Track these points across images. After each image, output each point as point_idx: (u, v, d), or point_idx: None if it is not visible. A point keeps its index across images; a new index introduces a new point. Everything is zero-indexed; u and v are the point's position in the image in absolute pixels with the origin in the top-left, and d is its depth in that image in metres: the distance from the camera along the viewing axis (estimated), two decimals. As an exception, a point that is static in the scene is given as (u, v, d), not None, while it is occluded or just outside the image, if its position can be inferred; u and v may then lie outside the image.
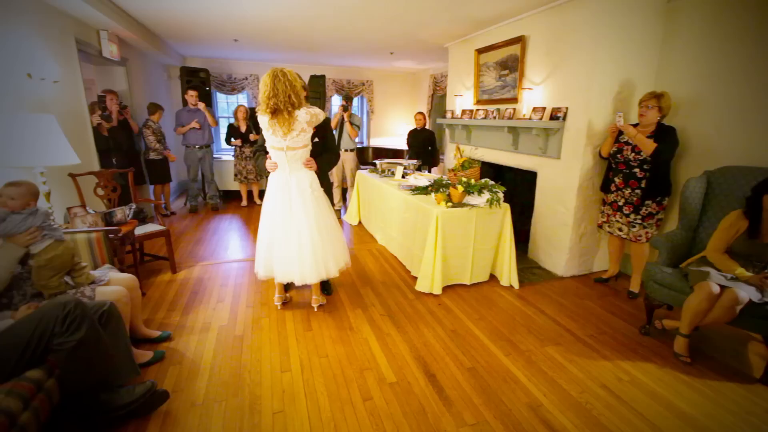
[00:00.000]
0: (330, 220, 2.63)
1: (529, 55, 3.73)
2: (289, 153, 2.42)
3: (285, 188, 2.49)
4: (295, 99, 2.28)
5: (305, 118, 2.34)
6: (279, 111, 2.28)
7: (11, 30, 2.60)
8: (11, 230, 1.75)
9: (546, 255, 3.69)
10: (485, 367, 2.22)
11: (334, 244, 2.62)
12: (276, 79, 2.24)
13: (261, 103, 2.32)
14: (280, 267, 2.55)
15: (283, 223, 2.51)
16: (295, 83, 2.30)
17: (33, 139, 2.23)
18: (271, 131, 2.35)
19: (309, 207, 2.50)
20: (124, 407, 1.69)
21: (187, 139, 5.34)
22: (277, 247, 2.55)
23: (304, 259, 2.50)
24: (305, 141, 2.43)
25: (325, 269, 2.57)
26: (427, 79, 7.70)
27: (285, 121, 2.30)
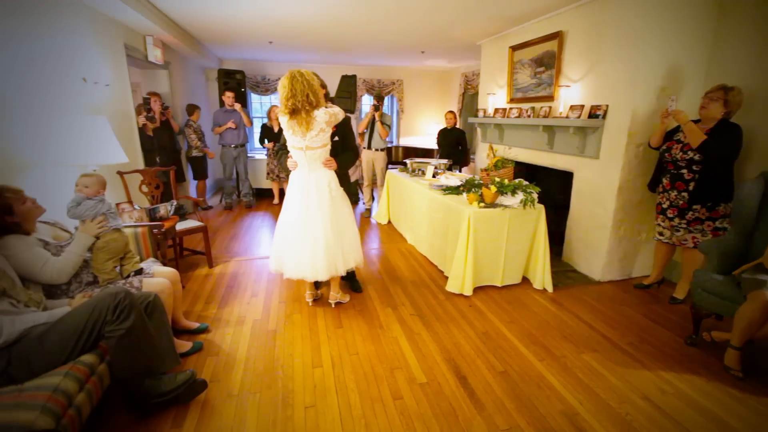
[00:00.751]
0: (346, 219, 2.65)
1: (567, 51, 3.60)
2: (309, 152, 2.45)
3: (304, 186, 2.54)
4: (313, 98, 2.31)
5: (324, 118, 2.37)
6: (297, 111, 2.32)
7: (69, 37, 2.79)
8: (84, 213, 2.01)
9: (581, 258, 3.56)
10: (518, 371, 2.17)
11: (345, 244, 2.63)
12: (294, 80, 2.28)
13: (280, 104, 2.38)
14: (292, 263, 2.59)
15: (300, 221, 2.56)
16: (313, 82, 2.32)
17: (88, 139, 2.38)
18: (291, 131, 2.40)
19: (325, 206, 2.54)
20: (166, 394, 1.78)
21: (224, 138, 5.54)
22: (291, 244, 2.60)
23: (317, 256, 2.54)
24: (324, 140, 2.46)
25: (335, 267, 2.59)
26: (458, 78, 7.60)
27: (303, 121, 2.33)
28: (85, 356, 1.57)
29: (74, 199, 2.06)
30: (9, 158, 2.14)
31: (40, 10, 2.49)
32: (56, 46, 2.63)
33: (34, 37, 2.41)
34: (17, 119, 2.21)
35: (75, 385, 1.46)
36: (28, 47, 2.35)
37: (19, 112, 2.23)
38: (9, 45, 2.18)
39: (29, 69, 2.34)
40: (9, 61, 2.18)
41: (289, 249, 2.60)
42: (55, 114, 2.52)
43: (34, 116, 2.35)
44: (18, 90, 2.24)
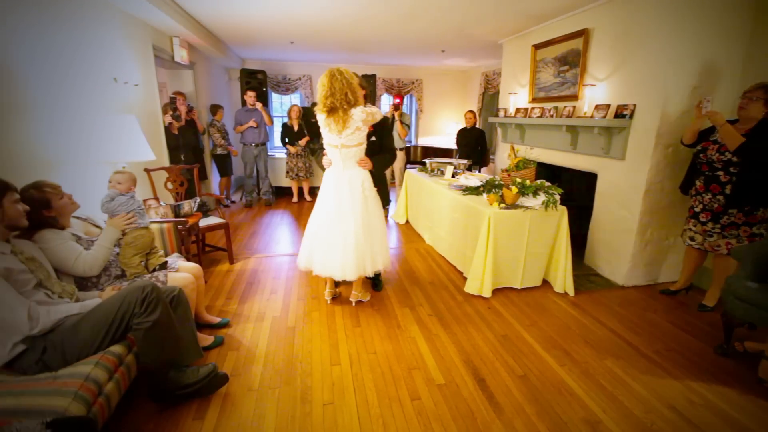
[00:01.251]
0: (377, 221, 2.64)
1: (593, 49, 3.51)
2: (344, 151, 2.46)
3: (338, 185, 2.55)
4: (351, 97, 2.32)
5: (360, 117, 2.37)
6: (335, 109, 2.34)
7: (102, 39, 2.89)
8: (116, 208, 2.09)
9: (605, 262, 3.47)
10: (538, 375, 2.13)
11: (375, 245, 2.62)
12: (333, 78, 2.30)
13: (319, 102, 2.39)
14: (321, 261, 2.60)
15: (331, 219, 2.56)
16: (352, 81, 2.34)
17: (118, 137, 2.47)
18: (327, 129, 2.42)
19: (358, 206, 2.53)
20: (189, 386, 1.82)
21: (245, 137, 5.65)
22: (321, 242, 2.61)
23: (347, 256, 2.54)
24: (360, 139, 2.46)
25: (364, 268, 2.59)
26: (478, 77, 7.52)
27: (340, 119, 2.35)
28: (114, 347, 1.63)
29: (108, 195, 2.14)
30: (45, 155, 2.24)
31: (76, 13, 2.58)
32: (90, 48, 2.73)
33: (70, 39, 2.51)
34: (53, 118, 2.31)
35: (105, 374, 1.51)
36: (64, 49, 2.45)
37: (55, 112, 2.33)
38: (46, 47, 2.28)
39: (65, 70, 2.44)
40: (46, 63, 2.27)
41: (319, 247, 2.61)
42: (87, 113, 2.62)
43: (68, 115, 2.44)
44: (54, 90, 2.34)
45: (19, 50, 2.06)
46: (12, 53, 2.01)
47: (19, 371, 1.48)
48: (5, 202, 1.51)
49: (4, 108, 1.93)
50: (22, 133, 2.06)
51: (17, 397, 1.29)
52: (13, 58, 2.01)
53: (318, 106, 2.41)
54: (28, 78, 2.12)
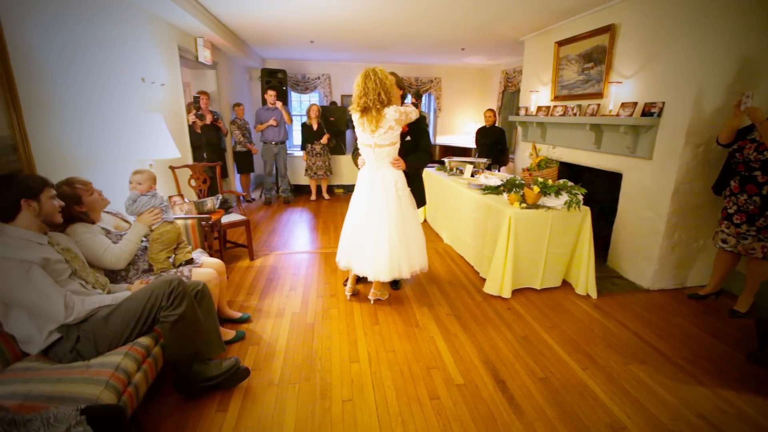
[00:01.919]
0: (411, 222, 2.62)
1: (619, 45, 3.42)
2: (377, 150, 2.48)
3: (371, 185, 2.57)
4: (384, 96, 2.33)
5: (394, 116, 2.38)
6: (368, 109, 2.36)
7: (130, 40, 2.98)
8: (140, 209, 2.15)
9: (629, 264, 3.37)
10: (559, 378, 2.09)
11: (410, 246, 2.61)
12: (367, 78, 2.33)
13: (353, 102, 2.43)
14: (356, 259, 2.64)
15: (364, 218, 2.59)
16: (386, 81, 2.34)
17: (146, 135, 2.54)
18: (361, 128, 2.46)
19: (391, 205, 2.53)
20: (212, 378, 1.86)
21: (265, 135, 5.73)
22: (357, 241, 2.64)
23: (380, 257, 2.54)
24: (392, 139, 2.46)
25: (399, 270, 2.59)
26: (498, 75, 7.41)
27: (373, 119, 2.37)
28: (142, 338, 1.68)
29: (130, 197, 2.20)
30: (76, 153, 2.32)
31: (105, 15, 2.67)
32: (119, 49, 2.81)
33: (100, 40, 2.60)
34: (84, 117, 2.39)
35: (134, 365, 1.56)
36: (94, 50, 2.53)
37: (85, 111, 2.41)
38: (77, 47, 2.36)
39: (95, 70, 2.52)
40: (77, 63, 2.36)
41: (355, 245, 2.65)
42: (116, 112, 2.70)
43: (98, 114, 2.53)
44: (85, 90, 2.42)
45: (51, 50, 2.13)
46: (45, 53, 2.09)
47: (54, 359, 1.54)
48: (42, 197, 1.58)
49: (38, 107, 2.01)
50: (55, 131, 2.14)
51: (54, 384, 1.35)
52: (45, 58, 2.09)
53: (352, 105, 2.45)
54: (60, 78, 2.20)
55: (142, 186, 2.22)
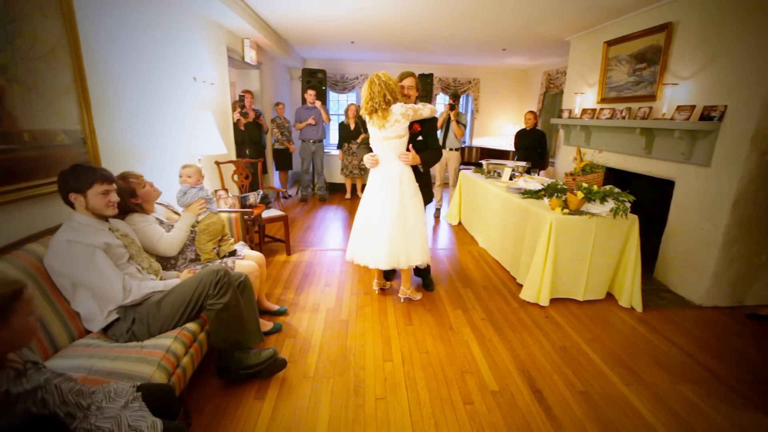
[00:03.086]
0: (413, 215, 2.67)
1: (676, 45, 3.22)
2: (384, 143, 2.59)
3: (380, 177, 2.66)
4: (390, 97, 2.48)
5: (400, 110, 2.50)
6: (375, 110, 2.51)
7: (184, 42, 3.15)
8: (189, 201, 2.28)
9: (679, 278, 3.17)
10: (600, 393, 2.00)
11: (409, 238, 2.66)
12: (372, 84, 2.50)
13: (362, 106, 2.59)
14: (360, 249, 2.74)
15: (372, 210, 2.69)
16: (389, 82, 2.50)
17: (197, 132, 2.67)
18: (371, 125, 2.60)
19: (394, 197, 2.61)
20: (251, 367, 1.93)
21: (304, 133, 5.87)
22: (363, 232, 2.74)
23: (380, 245, 2.64)
24: (399, 132, 2.55)
25: (397, 260, 2.66)
26: (539, 76, 7.20)
27: (380, 117, 2.51)
28: (189, 324, 1.77)
29: (181, 189, 2.33)
30: (135, 147, 2.48)
31: (162, 18, 2.83)
32: (174, 50, 2.98)
33: (157, 41, 2.76)
34: (142, 114, 2.55)
35: (182, 348, 1.65)
36: (153, 51, 2.69)
37: (143, 108, 2.57)
38: (137, 49, 2.52)
39: (153, 70, 2.68)
40: (137, 63, 2.52)
41: (361, 237, 2.75)
42: (171, 109, 2.86)
43: (155, 111, 2.69)
44: (143, 88, 2.58)
45: (116, 51, 2.29)
46: (110, 54, 2.24)
47: (112, 338, 1.65)
48: (89, 193, 1.61)
49: (104, 104, 2.16)
50: (117, 126, 2.30)
51: (113, 361, 1.45)
52: (111, 58, 2.24)
53: (361, 109, 2.61)
54: (123, 77, 2.36)
55: (191, 179, 2.34)
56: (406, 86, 2.67)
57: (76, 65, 1.86)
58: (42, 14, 1.66)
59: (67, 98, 1.84)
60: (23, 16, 1.57)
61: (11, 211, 1.61)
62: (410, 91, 2.69)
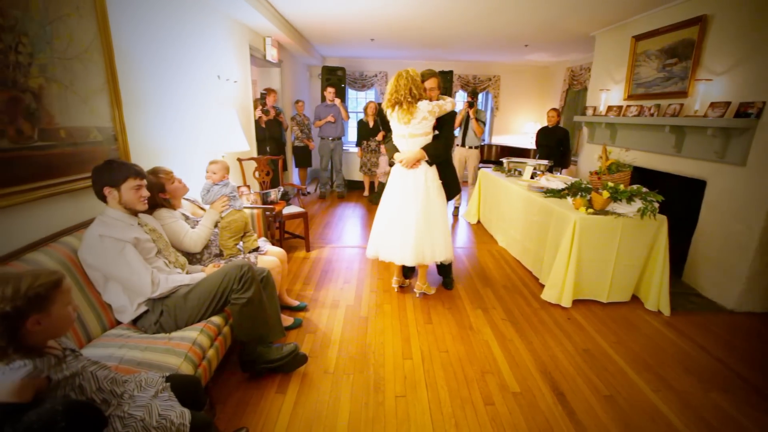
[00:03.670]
0: (437, 212, 2.66)
1: (711, 38, 3.09)
2: (410, 140, 2.58)
3: (403, 175, 2.66)
4: (415, 91, 2.47)
5: (427, 107, 2.48)
6: (399, 102, 2.50)
7: (209, 41, 3.21)
8: (213, 198, 2.30)
9: (709, 281, 3.06)
10: (626, 398, 1.95)
11: (434, 235, 2.65)
12: (399, 77, 2.51)
13: (386, 100, 2.59)
14: (384, 246, 2.74)
15: (395, 207, 2.68)
16: (416, 78, 2.50)
17: (221, 129, 2.72)
18: (396, 121, 2.58)
19: (420, 195, 2.61)
20: (273, 361, 1.96)
21: (323, 131, 5.90)
22: (386, 228, 2.73)
23: (406, 242, 2.64)
24: (426, 129, 2.54)
25: (423, 256, 2.67)
26: (562, 73, 7.03)
27: (406, 112, 2.50)
28: (214, 317, 1.80)
29: (204, 187, 2.37)
30: (162, 143, 2.54)
31: (188, 17, 2.89)
32: (199, 48, 3.03)
33: (183, 40, 2.81)
34: (169, 111, 2.61)
35: (208, 341, 1.68)
36: (179, 50, 2.75)
37: (170, 106, 2.63)
38: (164, 48, 2.58)
39: (179, 68, 2.74)
40: (164, 62, 2.57)
41: (384, 233, 2.75)
42: (196, 107, 2.92)
43: (180, 109, 2.75)
44: (170, 87, 2.64)
45: (145, 50, 2.35)
46: (140, 53, 2.30)
47: (141, 329, 1.70)
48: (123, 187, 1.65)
49: (134, 102, 2.22)
50: (146, 123, 2.36)
51: (142, 351, 1.50)
52: (140, 57, 2.30)
53: (384, 104, 2.60)
54: (151, 75, 2.42)
55: (216, 176, 2.37)
56: (428, 88, 2.61)
57: (108, 64, 1.92)
58: (78, 15, 1.72)
59: (100, 96, 1.90)
60: (61, 16, 1.63)
61: (49, 205, 1.68)
62: (432, 92, 2.63)
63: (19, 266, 1.39)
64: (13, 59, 1.42)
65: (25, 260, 1.43)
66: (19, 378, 0.89)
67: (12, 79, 1.42)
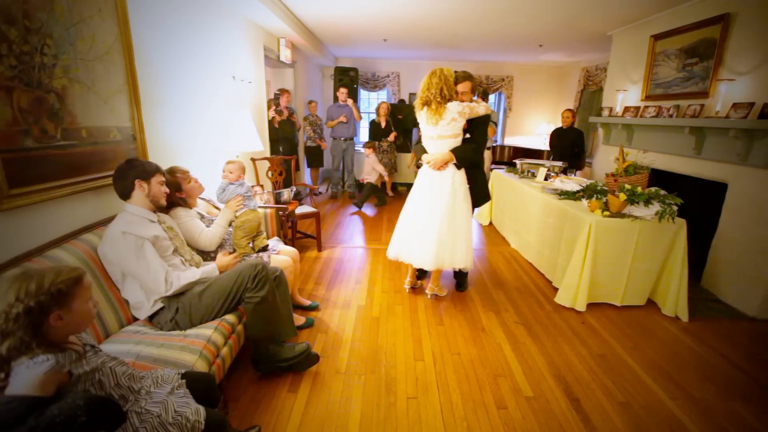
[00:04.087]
0: (461, 217, 2.62)
1: (733, 37, 3.02)
2: (438, 142, 2.54)
3: (430, 177, 2.62)
4: (446, 92, 2.42)
5: (456, 108, 2.44)
6: (429, 102, 2.46)
7: (224, 42, 3.24)
8: (227, 197, 2.32)
9: (729, 287, 2.97)
10: (643, 405, 1.91)
11: (456, 240, 2.62)
12: (432, 75, 2.45)
13: (417, 99, 2.53)
14: (406, 247, 2.72)
15: (419, 208, 2.66)
16: (450, 78, 2.44)
17: (235, 129, 2.75)
18: (425, 122, 2.53)
19: (445, 197, 2.57)
20: (286, 360, 1.97)
21: (335, 131, 5.92)
22: (408, 229, 2.72)
23: (426, 245, 2.60)
24: (455, 130, 2.50)
25: (442, 260, 2.63)
26: (577, 73, 6.93)
27: (434, 112, 2.46)
28: (228, 315, 1.82)
29: (220, 186, 2.38)
30: (178, 143, 2.58)
31: (204, 18, 2.93)
32: (214, 49, 3.07)
33: (200, 41, 2.85)
34: (185, 111, 2.65)
35: (222, 339, 1.70)
36: (195, 50, 2.79)
37: (186, 106, 2.67)
38: (181, 49, 2.62)
39: (195, 69, 2.78)
40: (181, 63, 2.61)
41: (406, 234, 2.73)
42: (211, 107, 2.95)
43: (196, 109, 2.78)
44: (186, 87, 2.67)
45: (162, 51, 2.38)
46: (158, 54, 2.34)
47: (157, 326, 1.73)
48: (153, 181, 1.75)
49: (152, 102, 2.26)
50: (163, 123, 2.40)
51: (158, 348, 1.52)
52: (158, 58, 2.34)
53: (416, 102, 2.54)
54: (168, 76, 2.46)
55: (232, 175, 2.39)
56: (460, 91, 2.53)
57: (128, 65, 1.96)
58: (100, 17, 1.76)
59: (120, 97, 1.93)
60: (84, 19, 1.67)
61: (70, 202, 1.72)
62: (464, 97, 2.55)
63: (43, 262, 1.42)
64: (39, 61, 1.46)
65: (48, 257, 1.47)
66: (43, 372, 0.91)
67: (37, 80, 1.46)
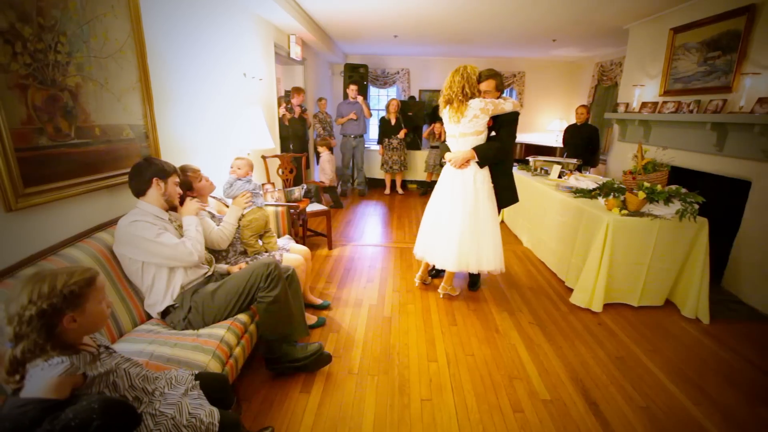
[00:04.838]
0: (485, 218, 2.56)
1: (759, 29, 2.91)
2: (461, 139, 2.51)
3: (453, 175, 2.59)
4: (468, 90, 2.40)
5: (479, 105, 2.41)
6: (451, 100, 2.44)
7: (236, 39, 3.23)
8: (235, 192, 2.30)
9: (753, 288, 2.88)
10: (664, 410, 1.85)
11: (481, 242, 2.56)
12: (455, 73, 2.44)
13: (440, 97, 2.53)
14: (429, 247, 2.71)
15: (442, 207, 2.64)
16: (472, 76, 2.42)
17: (247, 126, 2.73)
18: (448, 120, 2.52)
19: (468, 197, 2.53)
20: (298, 360, 1.95)
21: (345, 128, 5.89)
22: (432, 228, 2.70)
23: (449, 246, 2.57)
24: (477, 127, 2.46)
25: (466, 263, 2.57)
26: (591, 69, 6.80)
27: (456, 110, 2.44)
28: (240, 315, 1.81)
29: (228, 181, 2.37)
30: (190, 141, 2.57)
31: (215, 15, 2.91)
32: (225, 46, 3.06)
33: (211, 39, 2.84)
34: (196, 109, 2.64)
35: (234, 339, 1.69)
36: (206, 48, 2.77)
37: (197, 103, 2.66)
38: (192, 46, 2.61)
39: (206, 67, 2.76)
40: (193, 61, 2.60)
41: (429, 233, 2.72)
42: (222, 105, 2.94)
43: (207, 107, 2.77)
44: (198, 85, 2.66)
45: (174, 49, 2.37)
46: (170, 52, 2.33)
47: (170, 325, 1.72)
48: (169, 180, 1.75)
49: (164, 100, 2.25)
50: (174, 121, 2.39)
51: (172, 348, 1.51)
52: (170, 56, 2.33)
53: (440, 99, 2.55)
54: (180, 73, 2.44)
55: (240, 171, 2.37)
56: (483, 90, 2.47)
57: (141, 63, 1.95)
58: (113, 14, 1.75)
59: (133, 94, 1.93)
60: (97, 16, 1.66)
61: (84, 201, 1.72)
62: (487, 96, 2.48)
63: (57, 261, 1.42)
64: (53, 58, 1.45)
65: (62, 255, 1.46)
66: (57, 374, 0.90)
67: (51, 78, 1.45)
